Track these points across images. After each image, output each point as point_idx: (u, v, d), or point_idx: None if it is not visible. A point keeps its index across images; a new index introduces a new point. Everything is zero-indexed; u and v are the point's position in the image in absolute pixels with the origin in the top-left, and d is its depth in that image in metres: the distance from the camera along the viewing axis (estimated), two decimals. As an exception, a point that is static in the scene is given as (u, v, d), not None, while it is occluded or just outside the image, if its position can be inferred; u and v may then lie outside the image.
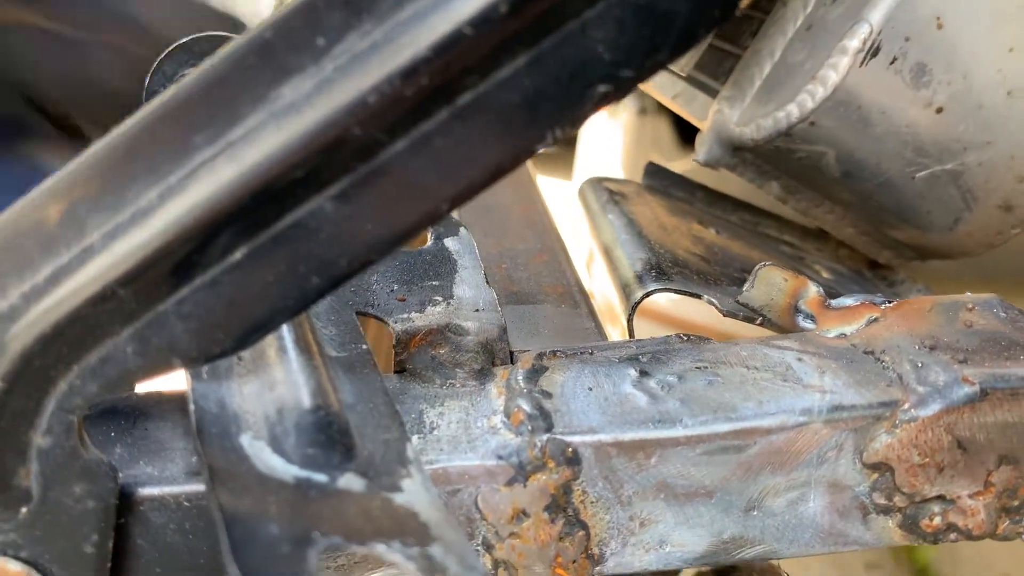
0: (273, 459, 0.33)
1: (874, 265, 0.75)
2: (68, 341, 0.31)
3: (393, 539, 0.29)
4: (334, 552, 0.39)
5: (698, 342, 0.45)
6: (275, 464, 0.32)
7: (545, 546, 0.40)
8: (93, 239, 0.30)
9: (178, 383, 0.39)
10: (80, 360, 0.32)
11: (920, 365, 0.42)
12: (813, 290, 0.48)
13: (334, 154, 0.30)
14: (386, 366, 0.45)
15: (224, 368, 0.36)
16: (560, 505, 0.40)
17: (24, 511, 0.33)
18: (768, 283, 0.49)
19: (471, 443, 0.40)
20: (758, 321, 0.50)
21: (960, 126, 0.58)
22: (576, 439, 0.39)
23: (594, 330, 0.57)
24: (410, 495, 0.33)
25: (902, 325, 0.45)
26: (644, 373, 0.43)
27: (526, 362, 0.44)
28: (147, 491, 0.37)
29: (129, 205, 0.30)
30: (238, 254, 0.31)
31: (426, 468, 0.38)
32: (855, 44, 0.55)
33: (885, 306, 0.46)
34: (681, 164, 1.08)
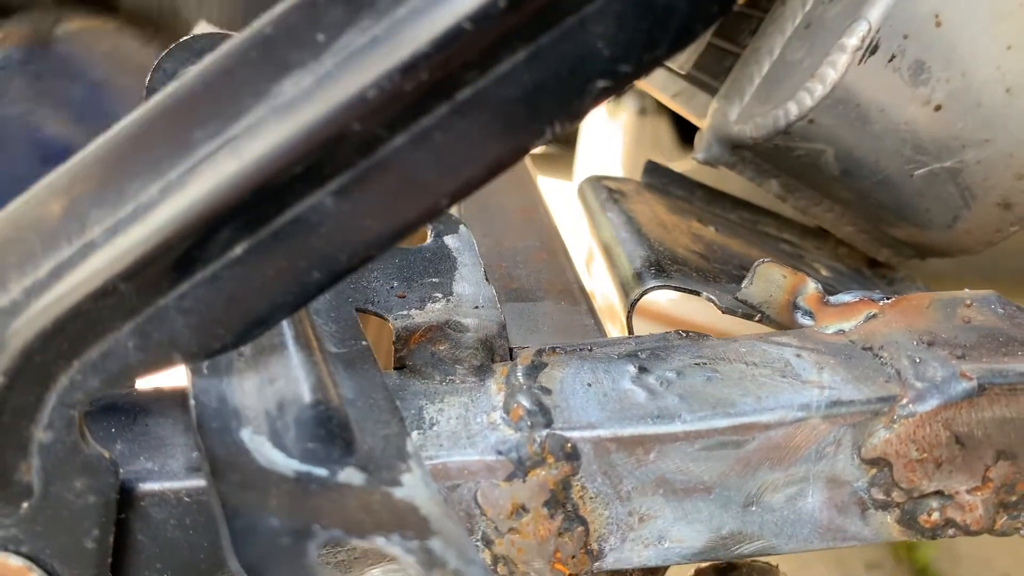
0: (273, 453, 0.33)
1: (873, 263, 0.75)
2: (69, 336, 0.31)
3: (393, 533, 0.30)
4: (334, 546, 0.39)
5: (697, 338, 0.45)
6: (275, 458, 0.33)
7: (544, 541, 0.40)
8: (94, 234, 0.30)
9: (178, 379, 0.39)
10: (81, 355, 0.32)
11: (918, 361, 0.42)
12: (812, 286, 0.48)
13: (334, 149, 0.30)
14: (386, 363, 0.45)
15: (224, 363, 0.36)
16: (559, 500, 0.40)
17: (25, 506, 0.33)
18: (767, 280, 0.49)
19: (470, 439, 0.40)
20: (757, 318, 0.50)
21: (959, 124, 0.58)
22: (575, 435, 0.40)
23: (593, 327, 0.57)
24: (410, 489, 0.33)
25: (900, 321, 0.45)
26: (643, 369, 0.43)
27: (525, 358, 0.44)
28: (148, 486, 0.37)
29: (130, 200, 0.30)
30: (239, 249, 0.31)
31: (426, 463, 0.38)
32: (854, 42, 0.55)
33: (883, 302, 0.46)
34: (681, 164, 1.08)
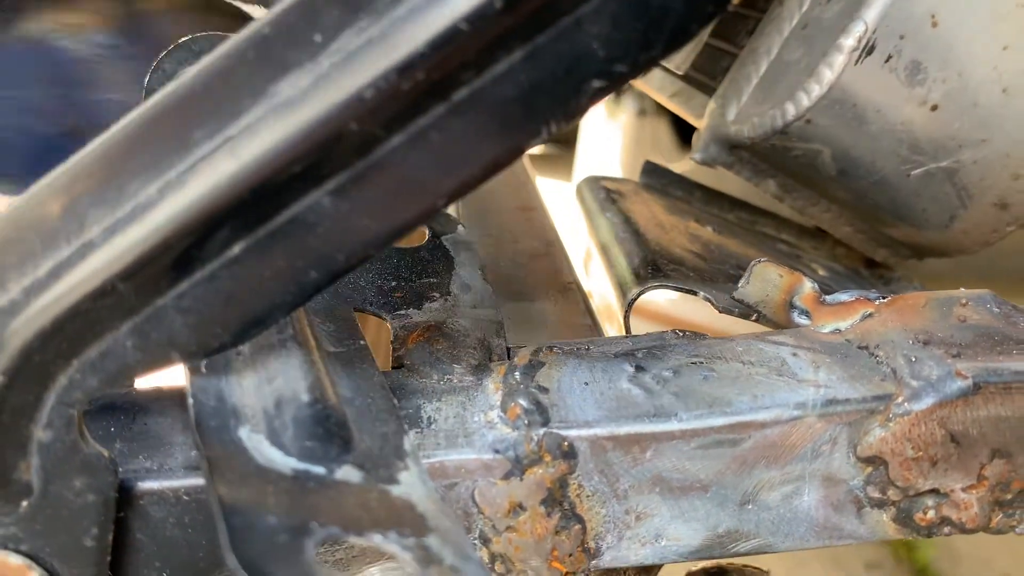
0: (272, 452, 0.33)
1: (871, 263, 0.75)
2: (68, 336, 0.31)
3: (390, 530, 0.30)
4: (332, 544, 0.39)
5: (693, 338, 0.46)
6: (274, 456, 0.33)
7: (541, 539, 0.41)
8: (93, 234, 0.30)
9: (177, 379, 0.39)
10: (80, 354, 0.32)
11: (914, 360, 0.42)
12: (808, 286, 0.48)
13: (332, 149, 0.30)
14: (385, 362, 0.45)
15: (223, 362, 0.37)
16: (556, 499, 0.40)
17: (25, 505, 0.33)
18: (763, 279, 0.49)
19: (468, 437, 0.40)
20: (753, 317, 0.50)
21: (955, 124, 0.58)
22: (572, 433, 0.40)
23: (590, 326, 0.57)
24: (407, 487, 0.33)
25: (896, 320, 0.45)
26: (640, 368, 0.43)
27: (523, 358, 0.44)
28: (146, 485, 0.37)
29: (129, 200, 0.30)
30: (237, 249, 0.31)
31: (423, 462, 0.38)
32: (850, 42, 0.55)
33: (879, 302, 0.46)
34: (681, 165, 1.08)
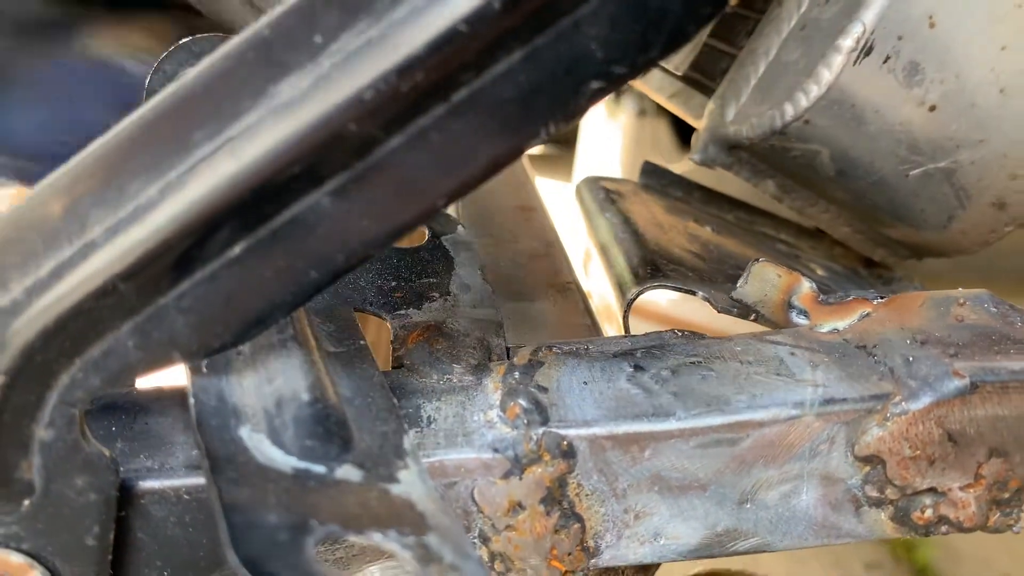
0: (272, 451, 0.33)
1: (870, 263, 0.75)
2: (70, 335, 0.32)
3: (389, 528, 0.30)
4: (332, 543, 0.39)
5: (692, 337, 0.46)
6: (274, 456, 0.33)
7: (541, 538, 0.41)
8: (95, 234, 0.30)
9: (178, 378, 0.39)
10: (82, 354, 0.32)
11: (911, 359, 0.43)
12: (806, 286, 0.48)
13: (331, 150, 0.30)
14: (385, 362, 0.45)
15: (223, 362, 0.37)
16: (555, 498, 0.40)
17: (26, 504, 0.34)
18: (762, 279, 0.49)
19: (467, 437, 0.40)
20: (752, 317, 0.51)
21: (953, 124, 0.58)
22: (571, 432, 0.40)
23: (590, 326, 0.57)
24: (407, 486, 0.33)
25: (894, 320, 0.45)
26: (638, 368, 0.43)
27: (522, 357, 0.44)
28: (148, 484, 0.37)
29: (130, 200, 0.30)
30: (237, 249, 0.31)
31: (423, 461, 0.38)
32: (849, 43, 0.55)
33: (877, 301, 0.46)
34: (681, 165, 1.09)
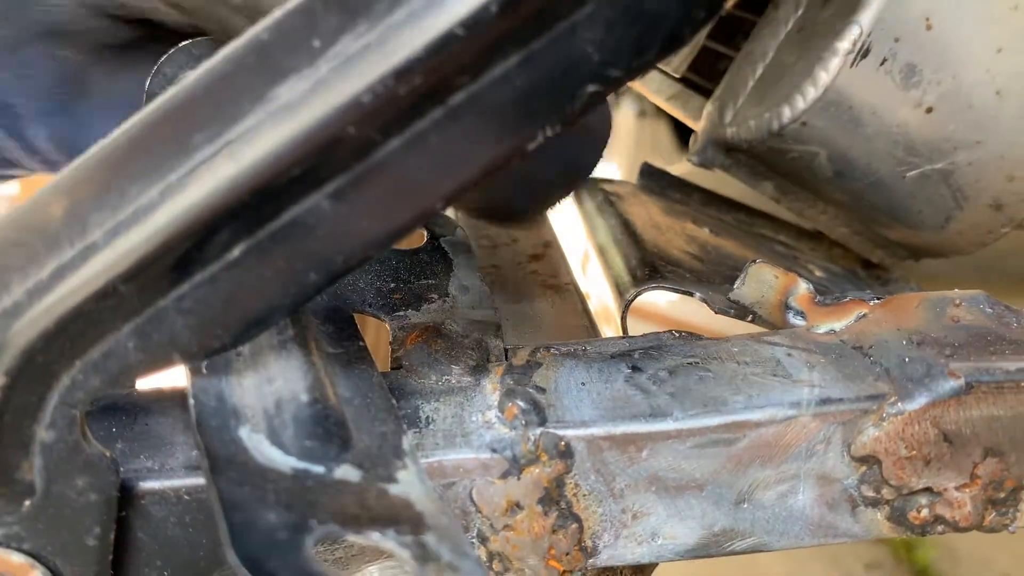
0: (271, 451, 0.33)
1: (868, 264, 0.76)
2: (71, 336, 0.32)
3: (388, 528, 0.30)
4: (331, 542, 0.40)
5: (689, 338, 0.46)
6: (273, 456, 0.33)
7: (539, 538, 0.41)
8: (95, 236, 0.31)
9: (178, 380, 0.39)
10: (82, 355, 0.32)
11: (907, 360, 0.43)
12: (803, 287, 0.48)
13: (330, 153, 0.30)
14: (384, 363, 0.45)
15: (223, 363, 0.37)
16: (553, 498, 0.41)
17: (27, 504, 0.34)
18: (759, 280, 0.50)
19: (466, 437, 0.40)
20: (749, 318, 0.51)
21: (950, 126, 0.58)
22: (569, 433, 0.40)
23: (588, 327, 0.58)
24: (405, 486, 0.33)
25: (890, 321, 0.46)
26: (636, 368, 0.43)
27: (520, 358, 0.44)
28: (148, 485, 0.37)
29: (131, 203, 0.31)
30: (237, 251, 0.32)
31: (422, 461, 0.38)
32: (845, 45, 0.55)
33: (874, 302, 0.47)
34: (680, 167, 1.09)
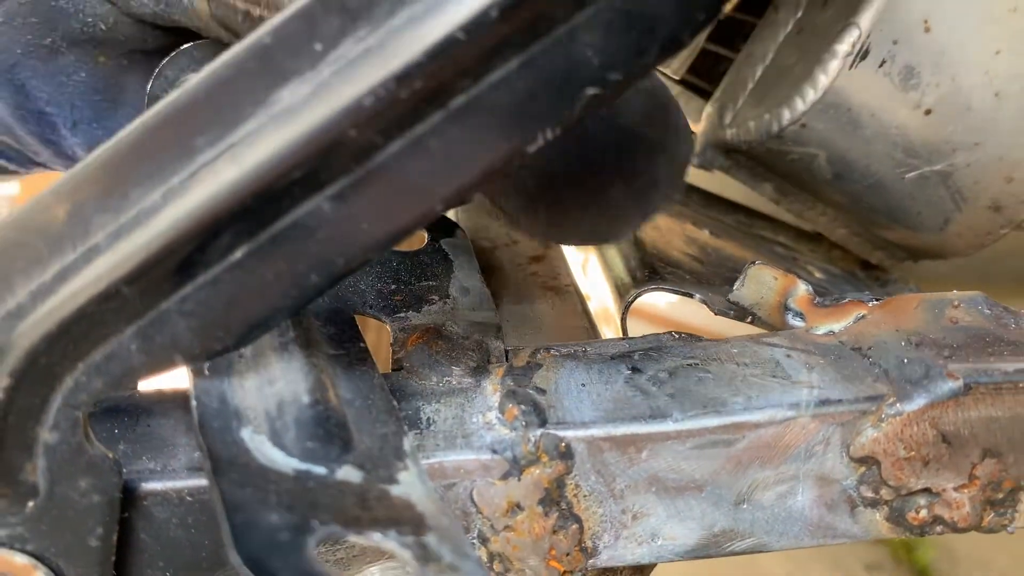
0: (273, 452, 0.33)
1: (867, 266, 0.76)
2: (74, 338, 0.32)
3: (389, 528, 0.30)
4: (333, 543, 0.40)
5: (689, 340, 0.46)
6: (275, 457, 0.33)
7: (539, 539, 0.41)
8: (98, 239, 0.31)
9: (180, 381, 0.39)
10: (86, 357, 0.33)
11: (906, 361, 0.43)
12: (802, 288, 0.48)
13: (331, 156, 0.30)
14: (385, 365, 0.46)
15: (225, 365, 0.37)
16: (554, 499, 0.41)
17: (31, 505, 0.34)
18: (758, 281, 0.50)
19: (466, 438, 0.40)
20: (749, 319, 0.51)
21: (949, 127, 0.58)
22: (569, 434, 0.40)
23: (587, 329, 0.58)
24: (406, 487, 0.33)
25: (889, 322, 0.46)
26: (636, 370, 0.44)
27: (520, 359, 0.44)
28: (150, 486, 0.38)
29: (133, 206, 0.31)
30: (239, 253, 0.32)
31: (423, 462, 0.39)
32: (845, 48, 0.55)
33: (873, 304, 0.47)
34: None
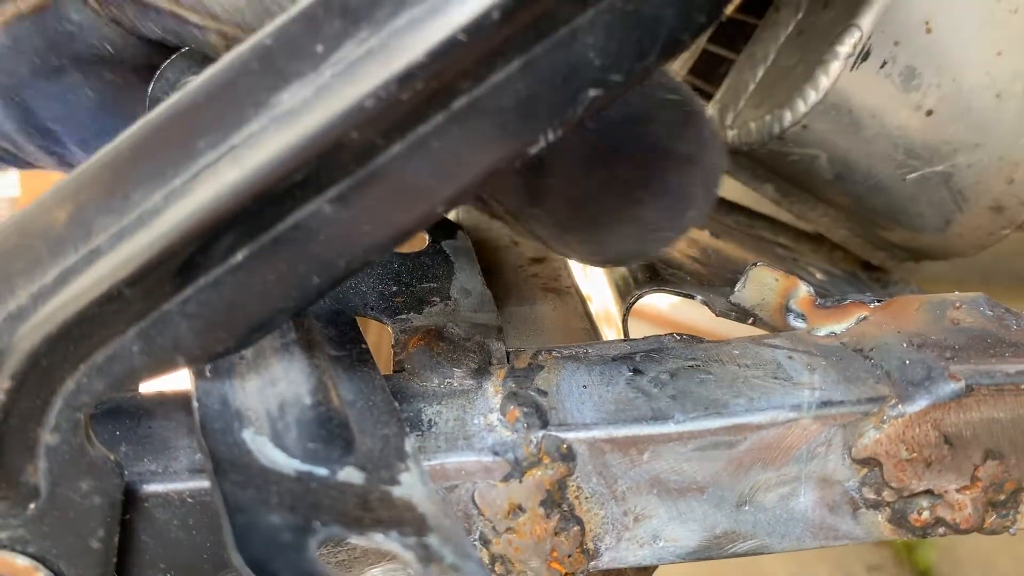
0: (275, 453, 0.33)
1: (868, 267, 0.76)
2: (75, 340, 0.32)
3: (391, 529, 0.30)
4: (335, 544, 0.40)
5: (690, 341, 0.46)
6: (277, 458, 0.33)
7: (541, 541, 0.41)
8: (100, 240, 0.31)
9: (181, 383, 0.39)
10: (87, 359, 0.33)
11: (907, 362, 0.43)
12: (804, 289, 0.48)
13: (333, 158, 0.30)
14: (387, 366, 0.46)
15: (227, 366, 0.37)
16: (555, 500, 0.41)
17: (32, 507, 0.34)
18: (760, 283, 0.50)
19: (468, 440, 0.40)
20: (750, 321, 0.51)
21: (950, 128, 0.59)
22: (570, 435, 0.40)
23: (589, 330, 0.58)
24: (408, 488, 0.34)
25: (891, 323, 0.46)
26: (637, 371, 0.44)
27: (522, 361, 0.44)
28: (151, 488, 0.38)
29: (135, 208, 0.31)
30: (240, 255, 0.32)
31: (424, 464, 0.39)
32: (846, 49, 0.55)
33: (874, 305, 0.47)
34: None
